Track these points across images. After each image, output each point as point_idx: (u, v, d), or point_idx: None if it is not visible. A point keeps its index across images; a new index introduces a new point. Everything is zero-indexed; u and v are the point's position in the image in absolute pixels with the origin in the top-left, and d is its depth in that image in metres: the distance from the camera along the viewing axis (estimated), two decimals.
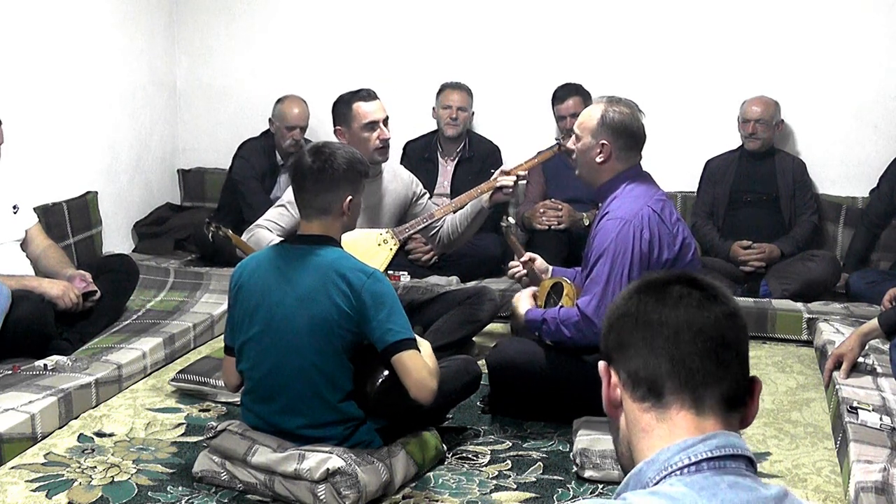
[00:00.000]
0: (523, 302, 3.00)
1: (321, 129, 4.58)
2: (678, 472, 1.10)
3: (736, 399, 1.17)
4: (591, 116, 2.86)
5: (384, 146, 3.32)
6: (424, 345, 2.52)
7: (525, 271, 3.15)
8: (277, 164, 4.75)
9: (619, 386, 1.20)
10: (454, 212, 3.45)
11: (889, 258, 4.40)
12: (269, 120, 4.74)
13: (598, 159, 2.84)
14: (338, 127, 3.33)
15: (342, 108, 3.32)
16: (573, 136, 2.93)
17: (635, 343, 1.18)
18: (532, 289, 3.08)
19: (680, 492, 1.07)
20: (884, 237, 4.44)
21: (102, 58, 4.69)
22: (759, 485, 1.11)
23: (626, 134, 2.82)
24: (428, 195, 3.65)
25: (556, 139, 3.52)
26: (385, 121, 3.32)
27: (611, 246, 2.73)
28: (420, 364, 2.40)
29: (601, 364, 1.24)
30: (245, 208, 4.53)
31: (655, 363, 1.16)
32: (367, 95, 3.32)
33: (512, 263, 3.24)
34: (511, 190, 3.33)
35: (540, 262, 3.18)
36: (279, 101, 4.71)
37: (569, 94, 4.47)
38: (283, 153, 4.72)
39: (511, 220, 3.37)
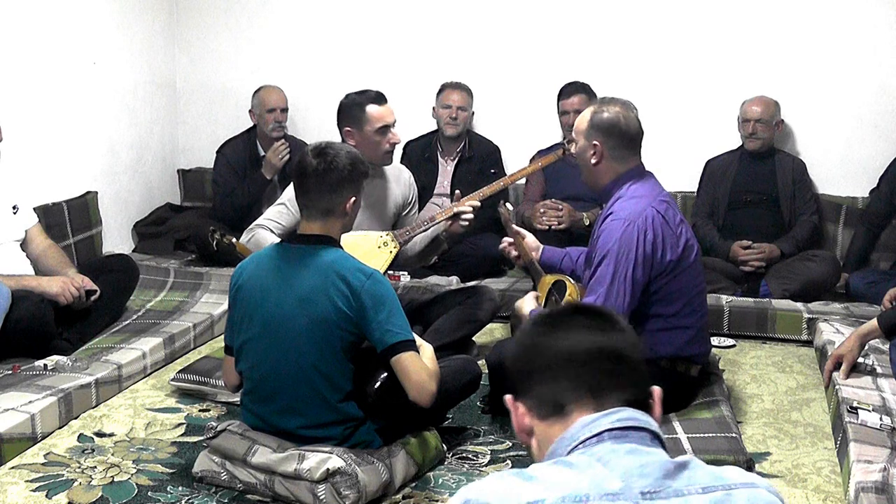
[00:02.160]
0: (527, 303, 3.01)
1: (320, 129, 4.58)
2: (581, 445, 1.16)
3: (638, 403, 1.22)
4: (582, 119, 2.87)
5: (393, 150, 3.32)
6: (426, 348, 2.52)
7: (517, 252, 3.16)
8: (259, 156, 4.84)
9: (527, 414, 1.26)
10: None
11: (889, 258, 4.40)
12: (250, 112, 4.87)
13: (592, 160, 2.84)
14: (347, 128, 3.30)
15: (353, 110, 3.28)
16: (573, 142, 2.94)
17: (535, 371, 1.25)
18: (534, 293, 3.09)
19: (579, 460, 1.13)
20: (884, 237, 4.44)
21: (102, 58, 4.69)
22: (661, 454, 1.15)
23: (617, 133, 2.82)
24: (417, 209, 3.63)
25: (562, 143, 3.51)
26: (394, 124, 3.31)
27: (614, 247, 2.73)
28: (420, 366, 2.40)
29: (507, 397, 1.29)
30: (216, 203, 4.82)
31: (555, 383, 1.23)
32: (378, 98, 3.29)
33: (505, 240, 3.26)
34: (472, 217, 3.24)
35: (530, 238, 3.19)
36: (255, 92, 4.87)
37: (575, 91, 4.47)
38: (267, 141, 4.80)
39: (509, 206, 3.36)
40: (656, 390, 1.26)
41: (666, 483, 1.10)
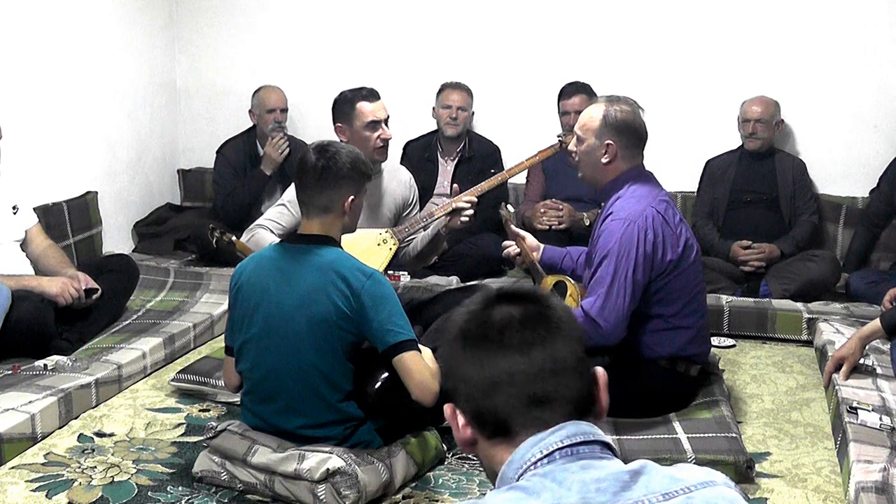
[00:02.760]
0: None
1: (320, 129, 4.58)
2: (533, 467, 1.12)
3: (583, 404, 1.18)
4: (592, 117, 2.85)
5: (384, 146, 3.32)
6: (425, 350, 2.52)
7: (518, 250, 3.16)
8: (259, 156, 4.83)
9: (468, 425, 1.21)
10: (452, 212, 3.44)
11: (889, 258, 4.40)
12: (250, 112, 4.88)
13: (604, 159, 2.83)
14: (339, 124, 3.33)
15: (344, 106, 3.32)
16: (575, 139, 2.92)
17: (473, 387, 1.18)
18: None
19: (533, 483, 1.10)
20: (884, 237, 4.44)
21: (102, 58, 4.69)
22: (615, 464, 1.13)
23: (630, 132, 2.82)
24: (419, 208, 3.63)
25: (558, 136, 3.51)
26: (386, 120, 3.32)
27: (615, 247, 2.72)
28: (422, 365, 2.40)
29: (447, 407, 1.23)
30: (217, 203, 4.79)
31: (495, 404, 1.17)
32: (370, 95, 3.31)
33: (506, 243, 3.25)
34: (471, 212, 3.21)
35: (530, 239, 3.18)
36: (255, 92, 4.87)
37: (576, 91, 4.47)
38: (267, 141, 4.78)
39: (510, 207, 3.36)
40: (601, 376, 1.21)
41: (624, 496, 1.07)
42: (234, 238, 3.19)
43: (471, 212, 3.22)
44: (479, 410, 1.19)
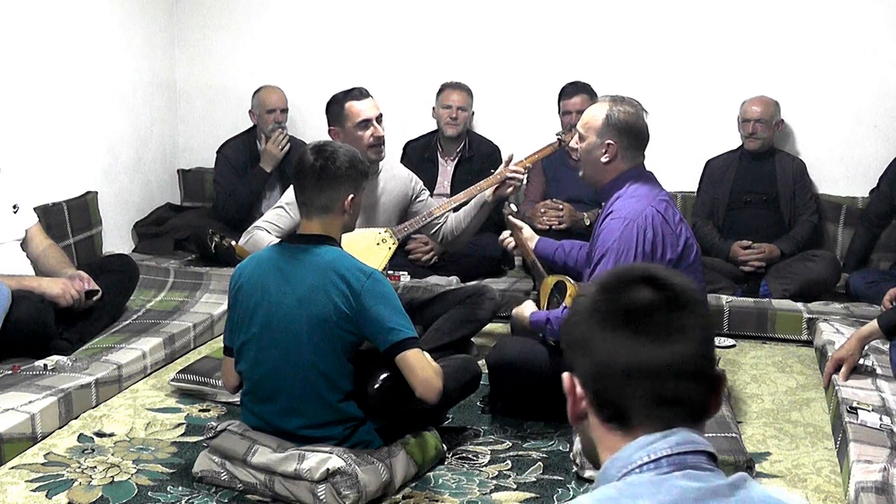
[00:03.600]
0: (527, 308, 3.01)
1: (320, 129, 4.58)
2: (637, 470, 1.10)
3: (703, 410, 1.16)
4: (595, 116, 2.85)
5: (378, 144, 3.31)
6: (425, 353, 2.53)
7: (513, 241, 3.18)
8: (259, 155, 4.82)
9: (585, 399, 1.18)
10: (454, 210, 3.45)
11: (889, 258, 4.40)
12: (250, 112, 4.88)
13: (604, 159, 2.83)
14: (332, 127, 3.33)
15: (335, 108, 3.32)
16: (576, 136, 2.92)
17: (603, 369, 1.15)
18: (533, 295, 3.10)
19: (631, 485, 1.08)
20: (884, 237, 4.44)
21: (102, 58, 4.69)
22: (717, 476, 1.11)
23: (632, 133, 2.82)
24: (428, 193, 3.65)
25: (557, 134, 3.51)
26: (378, 118, 3.31)
27: (614, 245, 2.72)
28: (425, 363, 2.41)
29: (566, 376, 1.20)
30: (218, 203, 4.80)
31: (622, 394, 1.14)
32: (360, 94, 3.32)
33: (504, 233, 3.28)
34: (520, 183, 3.34)
35: (527, 231, 3.21)
36: (255, 92, 4.88)
37: (577, 91, 4.47)
38: (265, 142, 4.80)
39: (514, 207, 3.40)
40: (721, 382, 1.18)
41: None
42: (233, 243, 3.19)
43: (521, 178, 3.32)
44: (603, 394, 1.16)
